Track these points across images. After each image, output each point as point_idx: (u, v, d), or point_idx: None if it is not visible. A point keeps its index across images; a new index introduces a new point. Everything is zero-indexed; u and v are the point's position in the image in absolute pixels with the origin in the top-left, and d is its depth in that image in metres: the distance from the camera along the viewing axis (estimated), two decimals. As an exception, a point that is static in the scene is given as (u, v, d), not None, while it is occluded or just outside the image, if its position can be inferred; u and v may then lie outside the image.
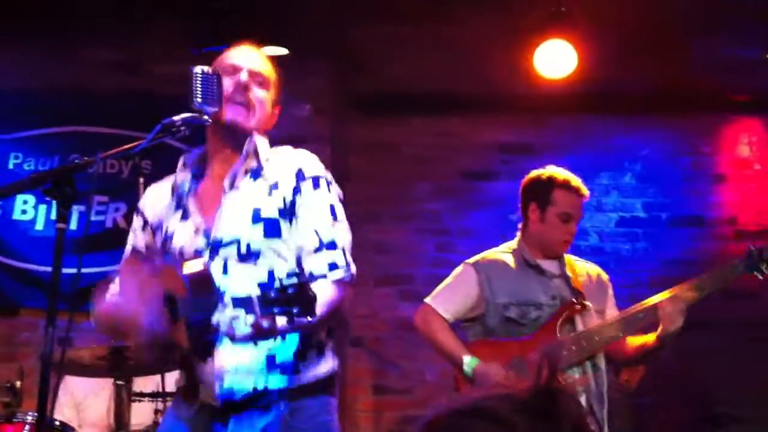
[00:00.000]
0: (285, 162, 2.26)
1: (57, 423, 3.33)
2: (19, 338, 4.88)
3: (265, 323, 1.92)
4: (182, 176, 2.31)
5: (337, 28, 4.83)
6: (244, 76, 2.25)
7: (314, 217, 2.19)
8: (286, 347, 2.16)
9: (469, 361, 3.14)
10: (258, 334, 1.98)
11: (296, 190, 2.20)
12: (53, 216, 4.84)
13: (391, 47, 4.91)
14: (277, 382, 2.15)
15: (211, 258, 2.17)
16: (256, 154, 2.26)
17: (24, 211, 4.86)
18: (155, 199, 2.35)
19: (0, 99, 4.92)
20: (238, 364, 2.13)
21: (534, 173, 3.37)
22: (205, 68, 2.18)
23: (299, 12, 4.51)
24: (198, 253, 2.18)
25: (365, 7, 4.51)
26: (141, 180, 3.82)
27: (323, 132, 4.82)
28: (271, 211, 2.19)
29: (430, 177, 5.11)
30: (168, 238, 2.25)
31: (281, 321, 1.95)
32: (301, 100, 4.80)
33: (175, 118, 2.13)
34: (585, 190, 3.33)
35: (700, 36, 4.61)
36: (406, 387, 4.92)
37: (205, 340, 2.11)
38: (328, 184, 2.26)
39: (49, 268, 4.68)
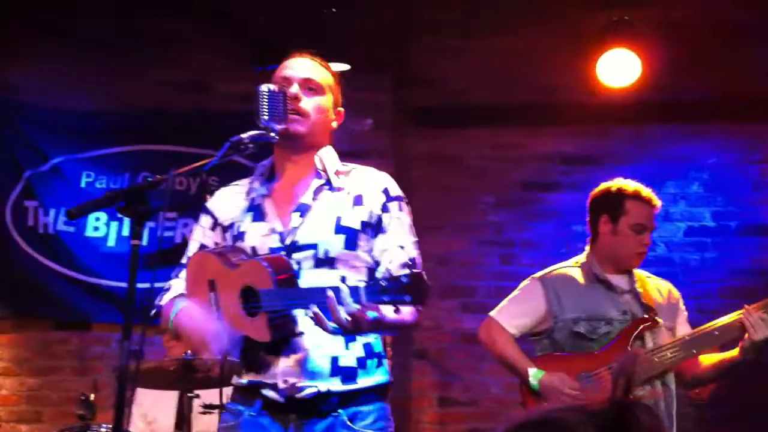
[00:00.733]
0: (369, 179, 2.36)
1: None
2: (92, 352, 5.02)
3: (369, 314, 2.00)
4: (256, 181, 2.39)
5: (397, 42, 4.86)
6: (294, 89, 2.31)
7: (401, 235, 2.32)
8: (350, 353, 2.23)
9: (534, 373, 3.11)
10: (357, 327, 2.03)
11: (385, 208, 2.31)
12: (124, 233, 4.97)
13: (451, 59, 4.92)
14: (338, 386, 2.21)
15: None
16: (325, 166, 2.34)
17: (96, 228, 4.99)
18: (225, 200, 2.42)
19: (73, 120, 5.09)
20: (304, 363, 2.19)
21: (602, 186, 3.32)
22: (271, 86, 2.24)
23: (359, 27, 4.56)
24: (273, 251, 2.25)
25: (424, 20, 4.55)
26: (208, 196, 3.90)
27: (384, 146, 4.86)
28: (353, 223, 2.28)
29: (491, 188, 5.09)
30: (239, 237, 2.32)
31: (386, 311, 2.04)
32: (362, 115, 4.85)
33: (243, 135, 2.19)
34: (657, 200, 3.26)
35: (766, 42, 4.51)
36: (471, 399, 4.90)
37: (281, 335, 2.17)
38: (408, 206, 2.38)
39: (120, 284, 4.86)
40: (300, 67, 2.37)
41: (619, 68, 4.42)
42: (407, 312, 2.17)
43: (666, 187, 5.00)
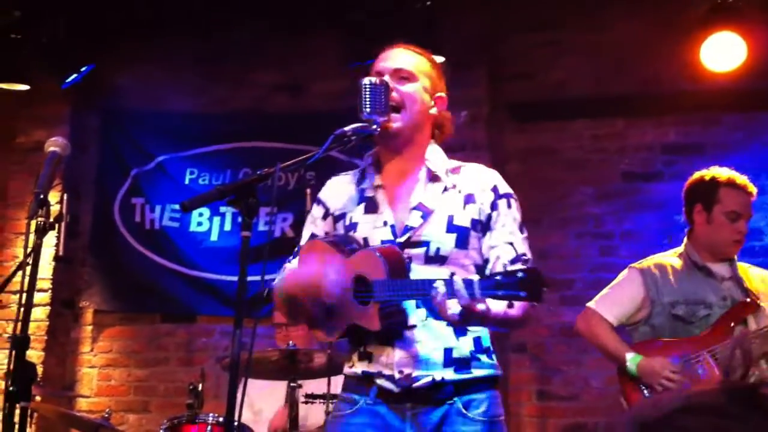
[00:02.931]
0: (479, 177, 2.36)
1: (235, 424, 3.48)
2: (197, 344, 5.17)
3: (479, 306, 2.01)
4: (367, 172, 2.40)
5: (493, 37, 4.84)
6: (386, 80, 2.30)
7: (509, 232, 2.31)
8: (461, 345, 2.25)
9: (632, 357, 3.11)
10: (467, 318, 2.04)
11: (494, 206, 2.31)
12: (226, 227, 5.10)
13: (548, 53, 4.87)
14: (452, 375, 2.22)
15: None
16: (436, 168, 2.34)
17: (200, 224, 5.14)
18: (337, 190, 2.44)
19: (177, 121, 5.26)
20: (419, 354, 2.21)
21: (696, 174, 3.31)
22: (373, 79, 2.24)
23: (455, 22, 4.55)
24: (385, 243, 2.26)
25: (520, 15, 4.51)
26: (308, 191, 3.96)
27: (480, 139, 4.84)
28: (464, 222, 2.29)
29: (590, 180, 5.01)
30: (351, 228, 2.34)
31: (493, 305, 2.05)
32: (457, 109, 4.84)
33: (346, 128, 2.21)
34: (752, 188, 3.22)
35: None
36: (570, 393, 4.84)
37: (392, 324, 2.19)
38: (516, 203, 2.37)
39: (222, 277, 4.99)
40: (391, 58, 2.37)
41: (723, 52, 4.28)
42: (517, 307, 2.17)
43: (774, 175, 4.83)
